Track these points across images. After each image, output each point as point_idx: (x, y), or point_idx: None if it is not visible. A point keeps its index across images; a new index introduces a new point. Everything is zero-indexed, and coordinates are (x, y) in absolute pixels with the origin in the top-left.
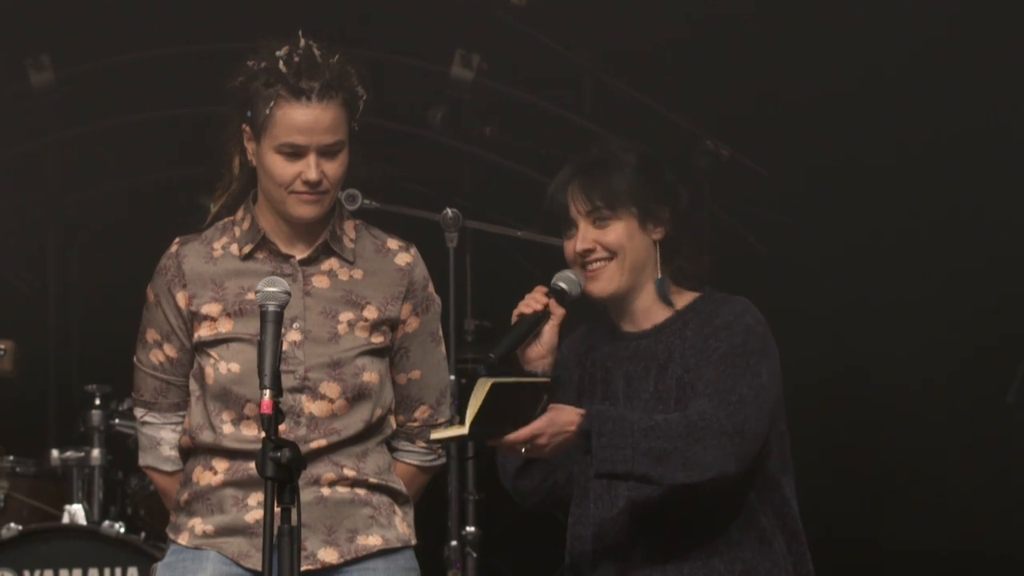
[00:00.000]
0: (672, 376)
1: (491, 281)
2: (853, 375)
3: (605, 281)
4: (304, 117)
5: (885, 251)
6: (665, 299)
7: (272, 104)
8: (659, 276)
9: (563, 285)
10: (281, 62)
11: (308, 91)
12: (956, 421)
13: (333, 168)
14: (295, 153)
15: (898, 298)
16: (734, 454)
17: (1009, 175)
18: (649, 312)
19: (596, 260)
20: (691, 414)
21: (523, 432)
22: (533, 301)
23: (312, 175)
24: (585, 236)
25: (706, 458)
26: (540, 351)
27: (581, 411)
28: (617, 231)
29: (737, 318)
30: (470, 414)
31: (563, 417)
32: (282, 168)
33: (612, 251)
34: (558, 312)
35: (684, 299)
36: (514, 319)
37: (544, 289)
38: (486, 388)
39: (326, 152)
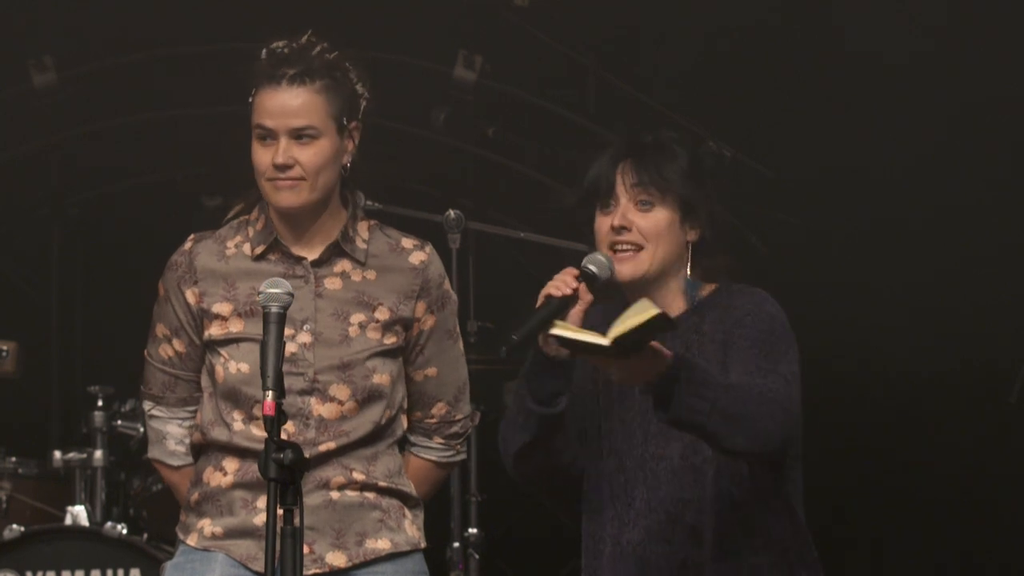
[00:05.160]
0: None
1: (494, 282)
2: (856, 376)
3: (632, 265)
4: (272, 100)
5: (887, 252)
6: (691, 299)
7: (253, 92)
8: (688, 277)
9: (593, 268)
10: (265, 52)
11: (281, 76)
12: (959, 421)
13: (307, 155)
14: (267, 137)
15: (900, 299)
16: (787, 430)
17: (1010, 176)
18: (670, 307)
19: (628, 244)
20: (757, 383)
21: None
22: (563, 284)
23: (279, 158)
24: (625, 213)
25: (768, 429)
26: None
27: (669, 354)
28: (657, 219)
29: (759, 306)
30: (619, 330)
31: (656, 355)
32: (258, 155)
33: (647, 237)
34: (587, 298)
35: (702, 293)
36: (541, 300)
37: (575, 271)
38: (650, 313)
39: (297, 137)
